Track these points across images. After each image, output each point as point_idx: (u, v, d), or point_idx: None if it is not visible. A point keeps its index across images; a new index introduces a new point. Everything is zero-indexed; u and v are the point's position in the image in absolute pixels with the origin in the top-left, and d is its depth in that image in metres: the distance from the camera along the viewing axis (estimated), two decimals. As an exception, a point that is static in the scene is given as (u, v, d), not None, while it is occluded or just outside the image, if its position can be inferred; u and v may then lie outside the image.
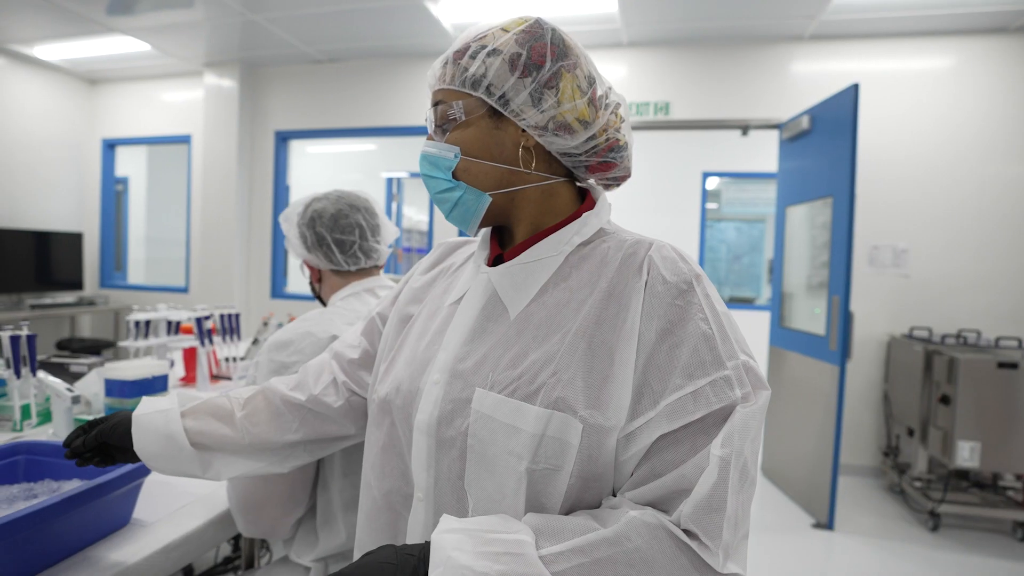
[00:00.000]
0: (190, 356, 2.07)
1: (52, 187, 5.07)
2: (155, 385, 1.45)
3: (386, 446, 0.78)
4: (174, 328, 2.03)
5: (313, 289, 1.43)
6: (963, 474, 3.26)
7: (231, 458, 0.88)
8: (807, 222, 3.61)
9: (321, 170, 6.05)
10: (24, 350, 1.37)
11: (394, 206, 6.69)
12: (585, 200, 0.78)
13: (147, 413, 0.87)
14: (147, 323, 1.86)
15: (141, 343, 1.83)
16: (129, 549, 0.96)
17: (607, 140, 0.73)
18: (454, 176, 0.73)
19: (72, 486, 1.06)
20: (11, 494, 1.03)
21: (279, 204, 4.90)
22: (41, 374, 1.41)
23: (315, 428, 0.90)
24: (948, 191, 3.65)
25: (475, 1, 3.64)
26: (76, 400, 1.39)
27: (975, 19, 3.47)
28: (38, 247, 4.82)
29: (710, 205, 6.64)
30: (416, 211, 7.33)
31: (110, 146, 5.35)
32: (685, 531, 0.57)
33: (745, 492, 0.60)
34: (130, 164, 5.84)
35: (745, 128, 3.99)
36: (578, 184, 0.80)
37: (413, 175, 6.67)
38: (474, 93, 0.71)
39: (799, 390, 3.47)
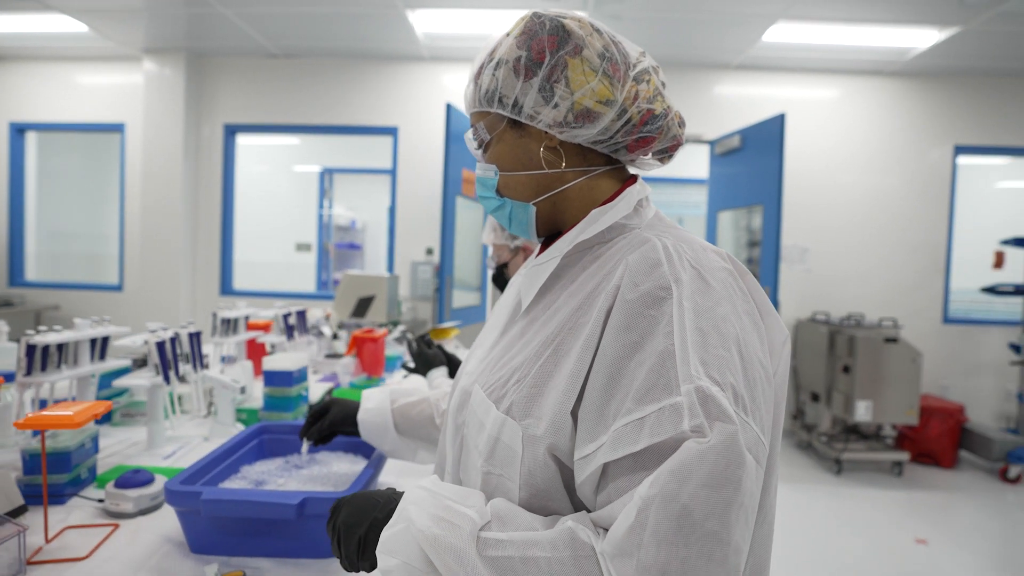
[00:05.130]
0: (252, 348, 2.19)
1: (-53, 174, 4.53)
2: (303, 374, 1.61)
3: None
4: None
5: (501, 274, 1.72)
6: (854, 428, 4.09)
7: (433, 451, 1.06)
8: (733, 225, 4.28)
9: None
10: (195, 346, 1.48)
11: (325, 202, 6.63)
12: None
13: (368, 410, 1.07)
14: (231, 320, 1.96)
15: (227, 339, 1.92)
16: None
17: (639, 113, 0.68)
18: (498, 193, 0.76)
19: (305, 459, 1.25)
20: (277, 466, 1.21)
21: (228, 198, 4.77)
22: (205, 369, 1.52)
23: None
24: (837, 200, 4.51)
25: (448, 12, 3.86)
26: (243, 391, 1.54)
27: (859, 63, 4.34)
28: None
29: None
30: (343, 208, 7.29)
31: (19, 131, 4.85)
32: None
33: (692, 548, 0.48)
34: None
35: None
36: (631, 171, 0.78)
37: (327, 170, 6.58)
38: (491, 109, 0.71)
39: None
